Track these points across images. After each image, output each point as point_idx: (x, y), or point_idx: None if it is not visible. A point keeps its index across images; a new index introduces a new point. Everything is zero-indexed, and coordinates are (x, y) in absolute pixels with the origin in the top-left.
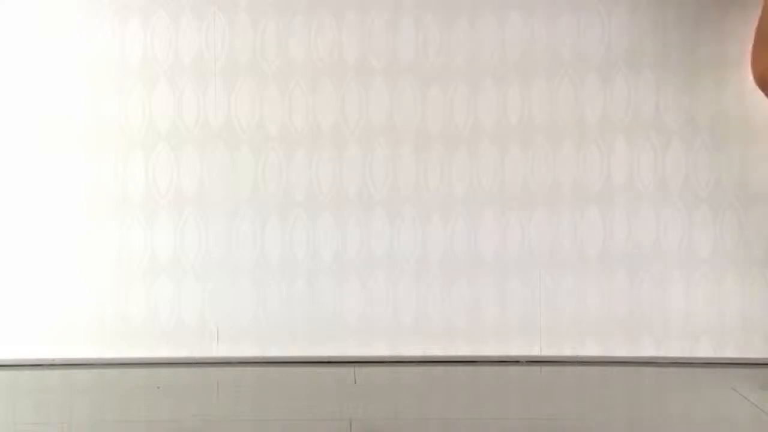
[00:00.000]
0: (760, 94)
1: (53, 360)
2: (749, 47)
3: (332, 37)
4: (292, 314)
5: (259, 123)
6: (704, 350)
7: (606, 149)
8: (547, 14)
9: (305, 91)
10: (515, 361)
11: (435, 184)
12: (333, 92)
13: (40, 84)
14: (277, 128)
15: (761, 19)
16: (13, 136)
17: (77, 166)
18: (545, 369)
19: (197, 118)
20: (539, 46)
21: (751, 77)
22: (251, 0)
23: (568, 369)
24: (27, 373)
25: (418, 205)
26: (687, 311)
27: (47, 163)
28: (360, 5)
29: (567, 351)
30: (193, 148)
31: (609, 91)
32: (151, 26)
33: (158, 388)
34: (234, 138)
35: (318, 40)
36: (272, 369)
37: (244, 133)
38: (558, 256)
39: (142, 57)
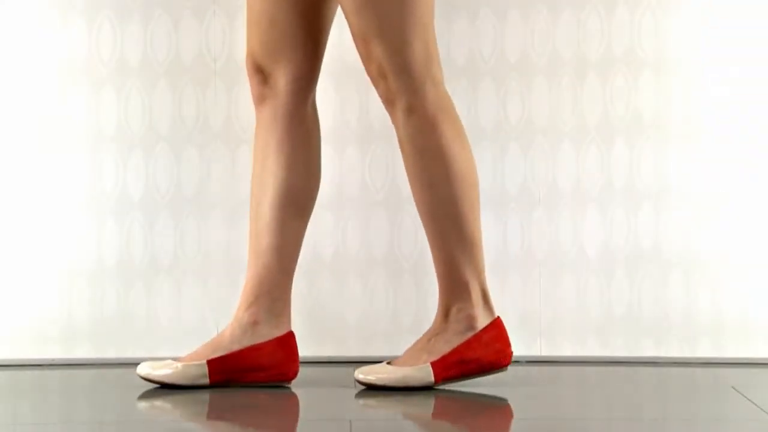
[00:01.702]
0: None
1: (53, 360)
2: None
3: (332, 37)
4: (292, 314)
5: None
6: (704, 350)
7: (606, 149)
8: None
9: None
10: (515, 361)
11: None
12: (333, 92)
13: (40, 84)
14: None
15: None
16: (12, 136)
17: (77, 166)
18: (545, 369)
19: (197, 118)
20: (539, 46)
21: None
22: None
23: (568, 369)
24: (27, 373)
25: None
26: (687, 311)
27: (47, 163)
28: None
29: (567, 351)
30: (193, 148)
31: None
32: (151, 26)
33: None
34: (234, 138)
35: None
36: None
37: (245, 133)
38: (558, 256)
39: (142, 57)
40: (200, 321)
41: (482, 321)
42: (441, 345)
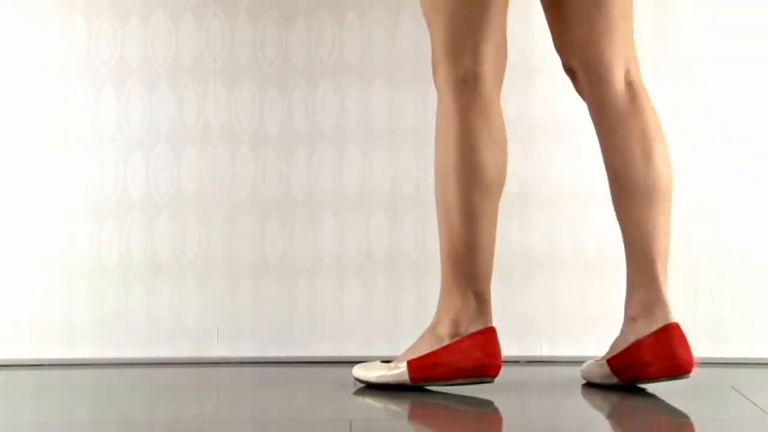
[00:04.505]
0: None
1: (53, 360)
2: None
3: (332, 37)
4: (292, 314)
5: (259, 123)
6: (704, 350)
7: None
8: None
9: (305, 91)
10: (515, 361)
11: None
12: (333, 92)
13: (40, 84)
14: (277, 128)
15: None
16: (12, 136)
17: (77, 166)
18: (545, 369)
19: (197, 118)
20: (539, 46)
21: None
22: (251, 0)
23: (568, 369)
24: (27, 373)
25: (418, 204)
26: (687, 311)
27: (47, 163)
28: (360, 5)
29: (567, 351)
30: (193, 148)
31: None
32: (151, 26)
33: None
34: (234, 138)
35: (318, 40)
36: (272, 369)
37: (244, 133)
38: (558, 256)
39: (142, 57)
40: (200, 321)
41: (469, 328)
42: (423, 345)
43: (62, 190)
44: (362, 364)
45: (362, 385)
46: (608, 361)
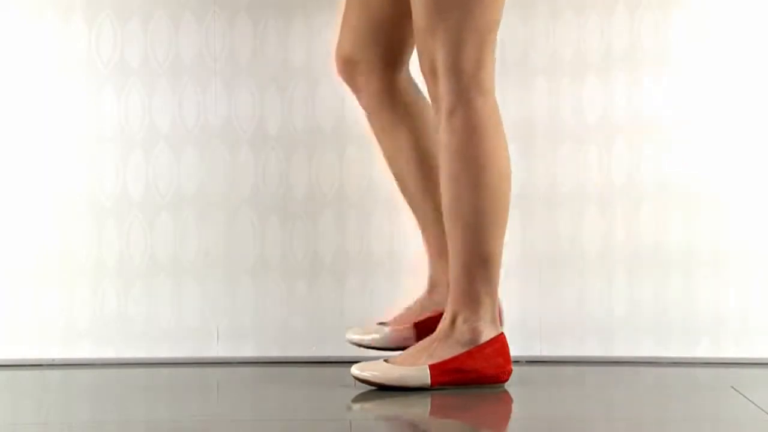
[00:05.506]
0: None
1: (53, 360)
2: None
3: (330, 37)
4: (292, 314)
5: (259, 123)
6: (704, 350)
7: (606, 149)
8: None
9: (305, 91)
10: (515, 361)
11: None
12: (332, 92)
13: (40, 84)
14: (277, 128)
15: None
16: (13, 136)
17: (77, 166)
18: (545, 369)
19: (197, 118)
20: (539, 46)
21: None
22: (251, 0)
23: (568, 369)
24: (27, 373)
25: None
26: (687, 311)
27: (47, 163)
28: None
29: (567, 351)
30: (193, 148)
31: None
32: (151, 26)
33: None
34: (234, 138)
35: (318, 40)
36: (272, 369)
37: (245, 133)
38: (558, 256)
39: (142, 57)
40: (200, 321)
41: (486, 335)
42: (442, 350)
43: (62, 190)
44: (362, 363)
45: (362, 384)
46: (416, 324)
